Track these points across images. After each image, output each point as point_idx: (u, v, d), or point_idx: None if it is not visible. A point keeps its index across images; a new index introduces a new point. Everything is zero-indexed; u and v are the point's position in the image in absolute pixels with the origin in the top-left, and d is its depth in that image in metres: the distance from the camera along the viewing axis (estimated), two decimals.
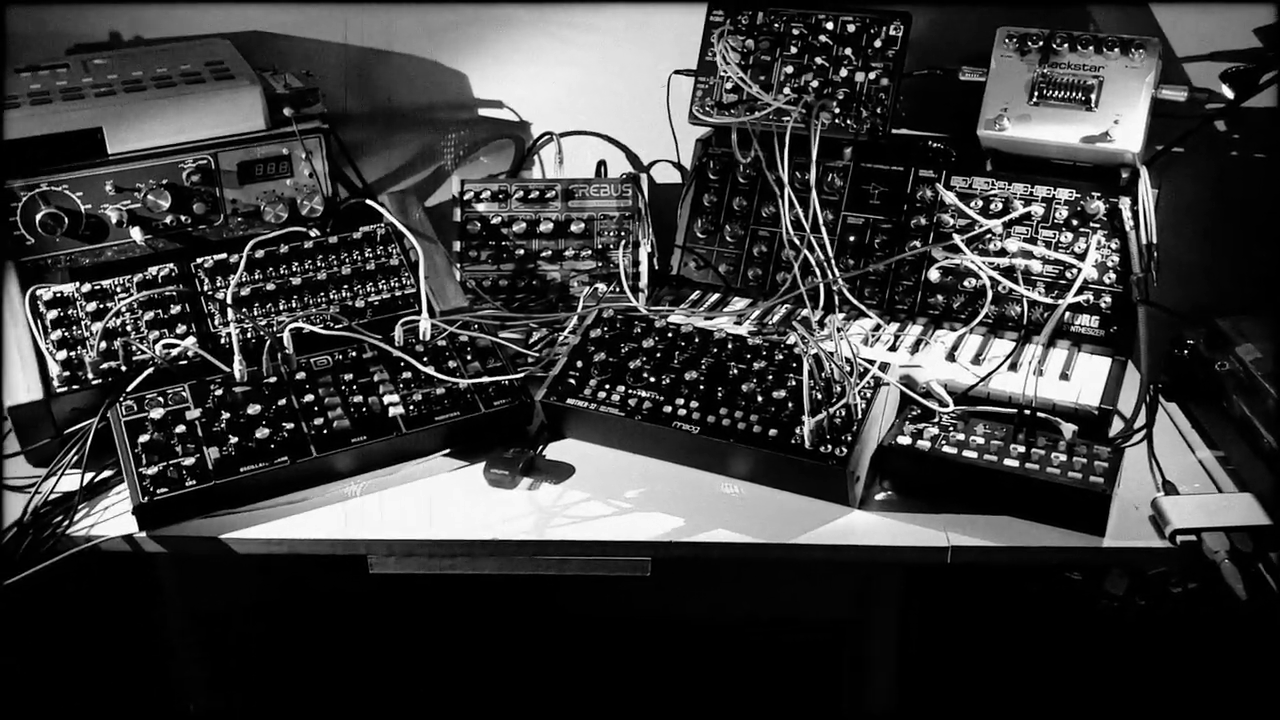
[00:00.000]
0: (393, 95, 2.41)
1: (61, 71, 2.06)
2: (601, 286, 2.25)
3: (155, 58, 2.13)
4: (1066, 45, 1.98)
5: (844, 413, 1.70)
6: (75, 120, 1.92)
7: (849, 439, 1.67)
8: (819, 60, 2.14)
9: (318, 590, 2.68)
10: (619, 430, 1.83)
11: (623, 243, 2.25)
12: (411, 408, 1.82)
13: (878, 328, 2.03)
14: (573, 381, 1.87)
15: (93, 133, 1.93)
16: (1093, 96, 1.96)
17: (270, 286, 1.98)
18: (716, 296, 2.20)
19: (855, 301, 2.07)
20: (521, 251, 2.25)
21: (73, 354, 1.86)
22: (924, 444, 1.71)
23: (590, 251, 2.26)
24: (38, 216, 1.90)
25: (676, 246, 2.25)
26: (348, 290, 2.02)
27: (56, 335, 1.86)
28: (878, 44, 2.12)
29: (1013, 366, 1.91)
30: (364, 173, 2.36)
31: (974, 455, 1.68)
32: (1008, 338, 2.00)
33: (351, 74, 2.39)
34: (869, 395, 1.73)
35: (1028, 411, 1.75)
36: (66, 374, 1.84)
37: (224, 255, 2.00)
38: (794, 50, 2.16)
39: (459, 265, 2.24)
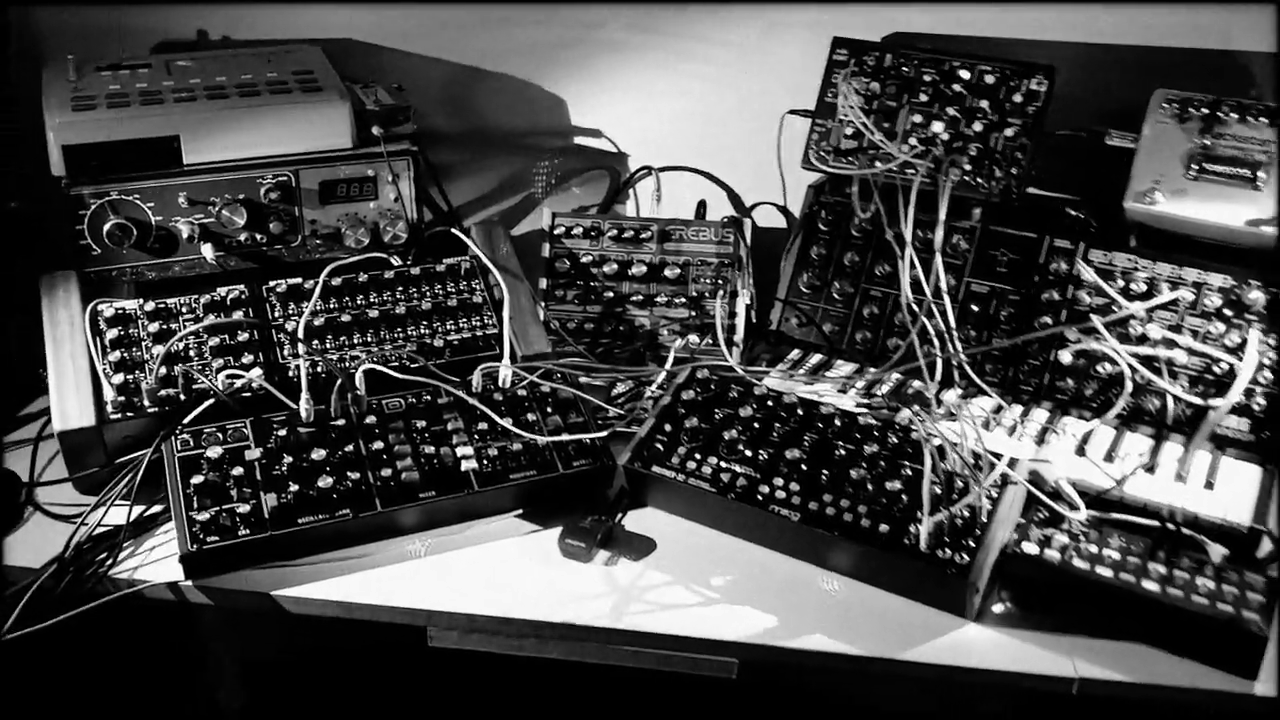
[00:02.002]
0: (488, 116, 2.28)
1: (143, 72, 1.95)
2: (693, 338, 2.08)
3: (241, 63, 2.01)
4: (1235, 115, 1.79)
5: (967, 512, 1.52)
6: (152, 126, 1.81)
7: (972, 544, 1.49)
8: (950, 111, 1.97)
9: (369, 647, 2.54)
10: (708, 507, 1.66)
11: (720, 292, 2.08)
12: (485, 462, 1.67)
13: (999, 409, 1.84)
14: (660, 447, 1.71)
15: (169, 140, 1.82)
16: (1260, 174, 1.76)
17: (345, 317, 1.85)
18: (819, 358, 2.02)
19: (975, 378, 1.88)
20: (610, 294, 2.10)
21: (130, 378, 1.73)
22: (1053, 554, 1.52)
23: (684, 299, 2.09)
24: (105, 226, 1.79)
25: (777, 300, 2.08)
26: (426, 327, 1.88)
27: (115, 356, 1.75)
28: (1017, 98, 1.94)
29: (1149, 468, 1.72)
30: (451, 196, 2.22)
31: (1109, 573, 1.49)
32: (1142, 432, 1.80)
33: (446, 92, 2.25)
34: (995, 494, 1.55)
35: (1170, 525, 1.57)
36: (122, 399, 1.71)
37: (299, 280, 1.87)
38: (924, 98, 1.98)
39: (544, 304, 2.08)
